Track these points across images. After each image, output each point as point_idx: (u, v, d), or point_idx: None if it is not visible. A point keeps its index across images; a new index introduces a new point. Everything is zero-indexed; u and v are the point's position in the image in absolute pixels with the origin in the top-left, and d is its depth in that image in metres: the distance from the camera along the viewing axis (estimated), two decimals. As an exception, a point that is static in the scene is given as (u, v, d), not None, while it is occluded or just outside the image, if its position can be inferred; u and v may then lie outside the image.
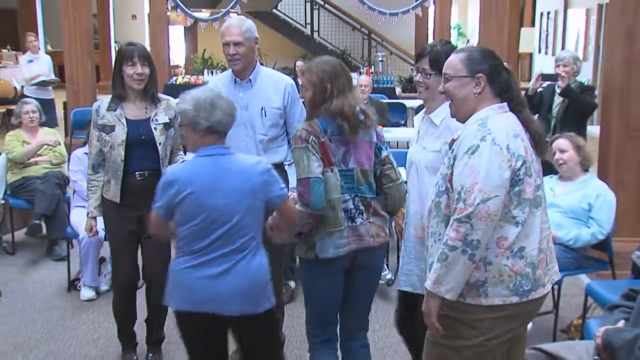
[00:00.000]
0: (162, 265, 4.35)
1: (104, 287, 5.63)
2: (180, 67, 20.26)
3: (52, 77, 10.71)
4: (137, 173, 4.16)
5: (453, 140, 2.80)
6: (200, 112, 3.16)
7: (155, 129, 4.16)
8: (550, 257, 2.86)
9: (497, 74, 2.78)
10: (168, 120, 4.21)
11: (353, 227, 3.42)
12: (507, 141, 2.65)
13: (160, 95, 4.28)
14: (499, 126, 2.67)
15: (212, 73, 14.88)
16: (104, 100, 4.21)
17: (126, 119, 4.14)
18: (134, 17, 21.15)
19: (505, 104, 2.78)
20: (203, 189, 3.13)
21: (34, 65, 10.66)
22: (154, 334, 4.53)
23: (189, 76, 15.05)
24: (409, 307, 3.54)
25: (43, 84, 10.61)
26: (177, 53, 20.47)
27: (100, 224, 4.50)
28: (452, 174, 2.73)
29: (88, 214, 4.37)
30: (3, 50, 14.85)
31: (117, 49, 18.49)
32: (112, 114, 4.14)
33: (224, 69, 16.59)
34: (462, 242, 2.61)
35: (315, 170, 3.29)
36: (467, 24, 19.81)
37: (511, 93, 2.80)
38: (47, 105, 10.50)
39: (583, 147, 4.79)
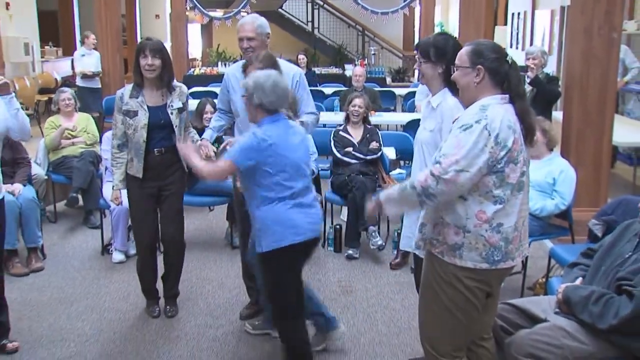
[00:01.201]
0: (178, 230, 4.46)
1: (132, 251, 5.63)
2: (197, 60, 20.19)
3: (99, 70, 10.71)
4: (155, 150, 4.25)
5: (455, 120, 2.79)
6: (256, 91, 3.36)
7: (172, 113, 4.25)
8: (524, 235, 2.85)
9: (497, 66, 2.75)
10: (181, 105, 4.30)
11: None
12: (499, 130, 2.63)
13: (175, 83, 4.33)
14: (496, 115, 2.65)
15: (225, 65, 14.84)
16: (126, 88, 4.27)
17: (148, 106, 4.19)
18: (157, 16, 20.99)
19: (507, 96, 2.75)
20: (286, 145, 3.37)
21: (86, 59, 10.68)
22: (171, 289, 4.60)
23: (205, 68, 15.02)
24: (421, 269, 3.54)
25: (91, 76, 10.62)
26: (195, 47, 20.40)
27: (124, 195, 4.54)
28: None
29: (113, 187, 4.44)
30: (46, 47, 14.78)
31: (141, 44, 18.50)
32: (134, 100, 4.20)
33: (235, 61, 16.56)
34: (423, 189, 2.65)
35: None
36: (448, 22, 19.67)
37: (510, 85, 2.77)
38: (95, 94, 10.52)
39: (549, 131, 4.79)
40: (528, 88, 6.17)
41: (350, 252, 5.62)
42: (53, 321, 4.41)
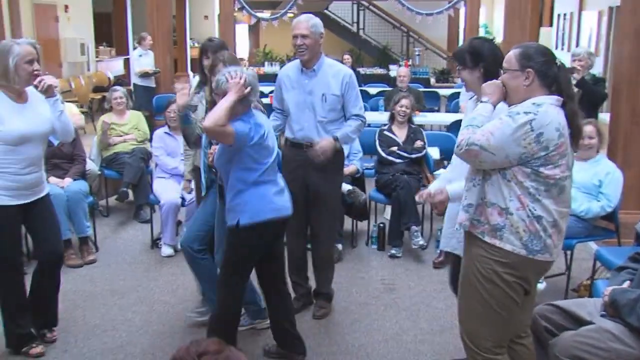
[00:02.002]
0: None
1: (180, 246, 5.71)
2: (244, 59, 20.29)
3: (157, 69, 10.91)
4: (213, 142, 4.28)
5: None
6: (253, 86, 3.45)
7: None
8: (561, 236, 2.80)
9: (546, 69, 2.72)
10: None
11: None
12: (544, 130, 2.59)
13: None
14: (548, 116, 2.61)
15: (271, 65, 14.94)
16: (192, 85, 4.39)
17: (207, 101, 4.24)
18: (205, 17, 21.21)
19: (561, 99, 2.70)
20: (269, 133, 3.52)
21: (143, 59, 10.90)
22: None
23: (251, 67, 15.10)
24: (459, 268, 3.51)
25: (151, 74, 10.83)
26: (242, 48, 20.54)
27: (178, 190, 4.67)
28: None
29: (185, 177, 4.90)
30: (100, 47, 15.10)
31: (191, 45, 18.69)
32: (197, 96, 4.34)
33: (282, 62, 16.63)
34: (460, 143, 2.71)
35: None
36: (493, 23, 19.41)
37: (559, 86, 2.73)
38: (149, 92, 10.72)
39: (603, 134, 4.71)
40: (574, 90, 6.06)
41: (393, 251, 5.60)
42: (105, 312, 4.51)
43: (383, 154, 5.99)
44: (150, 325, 4.31)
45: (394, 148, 5.98)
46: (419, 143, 6.00)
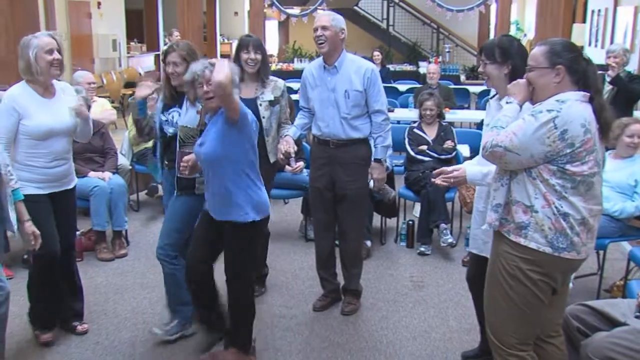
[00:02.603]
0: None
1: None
2: (274, 56, 20.36)
3: None
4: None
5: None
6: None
7: (261, 105, 4.34)
8: (592, 234, 2.75)
9: (575, 64, 2.69)
10: (273, 98, 4.37)
11: None
12: (568, 127, 2.55)
13: (271, 77, 4.47)
14: (571, 112, 2.58)
15: (300, 61, 14.94)
16: None
17: (240, 97, 4.24)
18: (235, 13, 21.35)
19: (588, 94, 2.67)
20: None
21: None
22: (260, 270, 4.73)
23: (281, 64, 15.14)
24: (478, 267, 3.48)
25: None
26: (272, 44, 20.61)
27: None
28: None
29: None
30: (131, 43, 15.27)
31: (221, 41, 18.77)
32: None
33: (311, 58, 16.63)
34: (485, 145, 2.71)
35: None
36: (524, 20, 19.19)
37: (588, 81, 2.70)
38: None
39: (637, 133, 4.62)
40: (608, 87, 5.96)
41: (422, 248, 5.58)
42: (136, 305, 4.56)
43: (412, 153, 5.96)
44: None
45: (424, 147, 5.94)
46: (449, 143, 5.95)
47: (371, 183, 4.41)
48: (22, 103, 3.64)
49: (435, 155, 5.88)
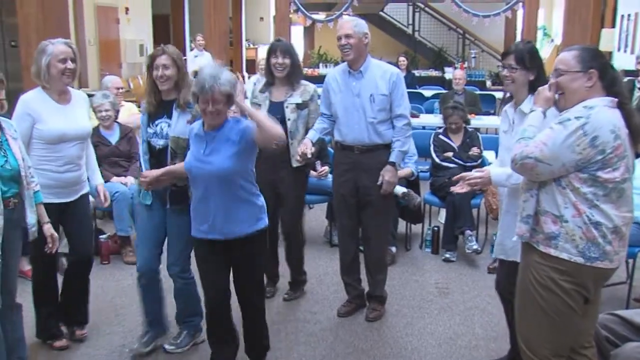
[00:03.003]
0: (292, 222, 4.62)
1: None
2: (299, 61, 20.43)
3: None
4: (274, 143, 4.32)
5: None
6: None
7: (287, 107, 4.37)
8: (624, 242, 2.71)
9: (606, 70, 2.68)
10: (300, 101, 4.40)
11: None
12: (598, 133, 2.53)
13: (303, 81, 4.49)
14: (600, 118, 2.55)
15: (326, 66, 14.97)
16: (258, 84, 4.44)
17: (270, 101, 4.39)
18: (261, 18, 21.45)
19: (617, 100, 2.65)
20: None
21: (198, 60, 11.12)
22: (292, 276, 4.79)
23: (306, 69, 15.15)
24: (507, 273, 3.45)
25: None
26: (297, 49, 20.61)
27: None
28: None
29: None
30: (157, 48, 15.43)
31: (247, 46, 18.85)
32: (261, 95, 4.48)
33: (336, 63, 16.64)
34: (514, 158, 2.67)
35: None
36: (552, 25, 19.03)
37: (617, 88, 2.68)
38: None
39: None
40: (638, 93, 5.89)
41: (447, 255, 5.55)
42: (161, 308, 4.58)
43: (437, 160, 5.93)
44: (203, 323, 4.35)
45: (449, 154, 5.91)
46: (475, 150, 5.91)
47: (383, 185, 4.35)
48: (36, 108, 3.70)
49: (461, 162, 5.85)
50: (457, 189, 3.29)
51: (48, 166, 3.73)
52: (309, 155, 4.17)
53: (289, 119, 4.35)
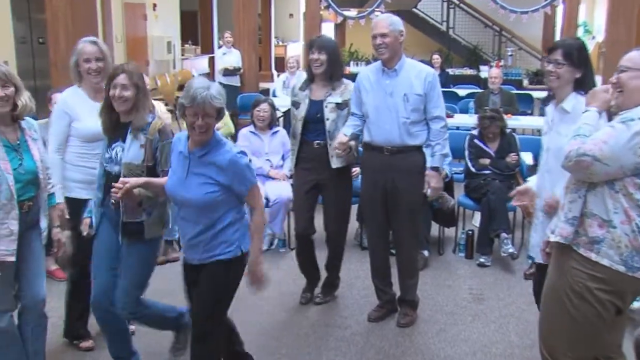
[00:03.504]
0: (336, 224, 4.64)
1: (263, 247, 5.78)
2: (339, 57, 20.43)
3: (240, 65, 11.17)
4: (316, 142, 4.47)
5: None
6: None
7: (326, 106, 4.39)
8: None
9: None
10: (341, 101, 4.41)
11: None
12: None
13: (343, 80, 4.51)
14: None
15: (357, 64, 14.96)
16: (298, 82, 4.50)
17: (310, 99, 4.43)
18: (291, 15, 21.52)
19: None
20: None
21: (226, 57, 11.18)
22: (328, 278, 4.81)
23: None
24: (543, 276, 3.42)
25: (232, 71, 11.08)
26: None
27: (262, 191, 4.69)
28: None
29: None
30: (185, 45, 15.56)
31: (276, 43, 18.91)
32: (301, 93, 4.52)
33: (367, 62, 16.63)
34: (568, 154, 2.60)
35: None
36: (593, 22, 18.77)
37: None
38: (235, 91, 10.98)
39: None
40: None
41: (482, 259, 5.51)
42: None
43: (473, 170, 5.87)
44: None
45: (485, 161, 5.84)
46: (513, 157, 5.81)
47: (428, 192, 4.35)
48: (72, 106, 3.81)
49: (498, 172, 5.76)
50: (516, 202, 3.25)
51: (85, 163, 3.83)
52: (344, 145, 4.15)
53: (327, 119, 4.37)
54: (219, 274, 3.17)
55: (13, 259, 3.23)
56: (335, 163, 4.40)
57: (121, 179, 3.20)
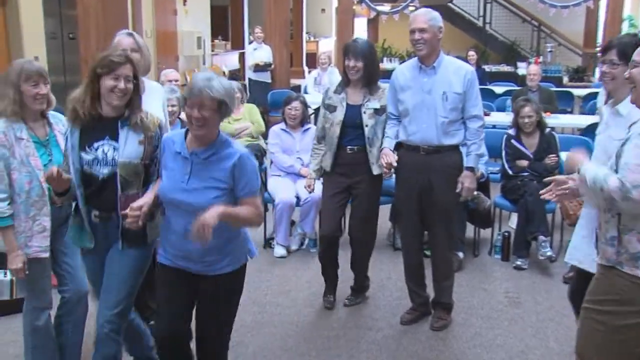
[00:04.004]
0: (363, 228, 4.62)
1: (293, 247, 5.85)
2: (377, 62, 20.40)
3: (270, 61, 11.22)
4: (348, 147, 4.45)
5: (632, 124, 2.62)
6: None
7: (365, 112, 4.36)
8: None
9: None
10: (379, 107, 4.39)
11: None
12: None
13: (381, 84, 4.48)
14: None
15: (390, 61, 14.91)
16: (330, 78, 4.50)
17: (347, 103, 4.40)
18: (323, 10, 21.51)
19: None
20: None
21: (257, 53, 11.24)
22: (355, 282, 4.80)
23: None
24: (581, 283, 3.39)
25: (263, 66, 11.13)
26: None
27: (294, 189, 4.70)
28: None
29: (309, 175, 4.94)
30: (215, 40, 15.64)
31: (307, 39, 18.93)
32: (337, 96, 4.48)
33: (401, 58, 16.58)
34: (610, 198, 2.46)
35: None
36: (639, 15, 18.42)
37: None
38: (266, 87, 11.04)
39: None
40: None
41: (518, 262, 5.46)
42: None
43: (510, 172, 5.79)
44: (262, 327, 4.42)
45: (523, 163, 5.77)
46: (552, 159, 5.71)
47: (462, 192, 4.31)
48: None
49: (536, 174, 5.68)
50: (547, 196, 3.14)
51: None
52: (395, 164, 4.18)
53: (366, 125, 4.36)
54: (230, 286, 3.08)
55: (47, 255, 3.30)
56: (376, 170, 4.41)
57: (135, 204, 2.91)
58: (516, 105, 6.00)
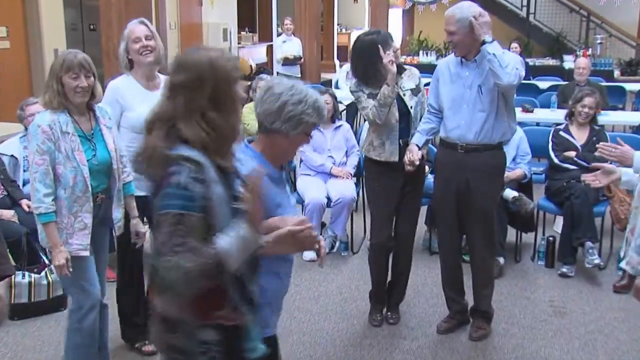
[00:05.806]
0: (413, 224, 4.58)
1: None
2: (397, 47, 20.37)
3: (300, 54, 11.25)
4: (401, 140, 4.31)
5: None
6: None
7: (404, 94, 4.30)
8: None
9: None
10: (414, 86, 4.35)
11: None
12: None
13: (405, 65, 4.49)
14: None
15: (426, 54, 14.84)
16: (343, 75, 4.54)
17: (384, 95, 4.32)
18: (355, 1, 21.53)
19: None
20: None
21: (286, 45, 11.29)
22: (393, 296, 4.68)
23: (404, 57, 15.10)
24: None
25: (292, 60, 11.17)
26: (395, 35, 20.58)
27: (324, 189, 4.66)
28: None
29: None
30: (242, 32, 15.73)
31: (339, 31, 18.95)
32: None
33: (438, 51, 16.49)
34: None
35: None
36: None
37: None
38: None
39: None
40: None
41: (564, 269, 5.41)
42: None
43: (556, 160, 5.77)
44: (290, 334, 4.44)
45: (571, 153, 5.74)
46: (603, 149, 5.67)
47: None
48: (124, 94, 3.86)
49: (585, 164, 5.64)
50: (589, 177, 3.06)
51: None
52: (417, 163, 4.16)
53: (411, 107, 4.30)
54: None
55: (87, 253, 3.36)
56: (406, 167, 4.29)
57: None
58: (580, 93, 5.98)
